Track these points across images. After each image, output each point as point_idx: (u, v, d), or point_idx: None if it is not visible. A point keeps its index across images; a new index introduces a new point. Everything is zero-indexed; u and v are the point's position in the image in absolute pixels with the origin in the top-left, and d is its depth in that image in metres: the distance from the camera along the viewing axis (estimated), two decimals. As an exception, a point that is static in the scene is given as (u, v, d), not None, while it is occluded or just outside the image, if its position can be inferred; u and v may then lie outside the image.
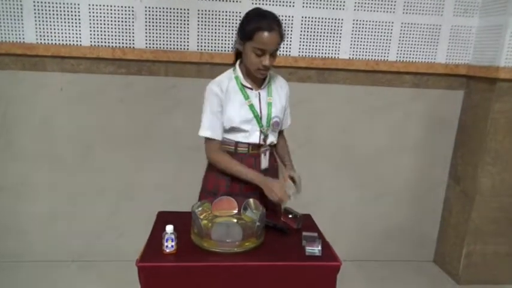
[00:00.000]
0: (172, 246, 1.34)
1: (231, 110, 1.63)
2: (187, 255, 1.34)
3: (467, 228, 2.55)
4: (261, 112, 1.67)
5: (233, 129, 1.67)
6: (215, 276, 1.32)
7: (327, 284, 1.37)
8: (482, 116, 2.43)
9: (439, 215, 2.83)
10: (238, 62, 1.69)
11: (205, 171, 1.86)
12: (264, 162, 1.73)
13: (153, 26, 2.32)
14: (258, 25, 1.51)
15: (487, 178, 2.46)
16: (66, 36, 2.29)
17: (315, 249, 1.37)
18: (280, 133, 1.85)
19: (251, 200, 1.53)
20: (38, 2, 2.22)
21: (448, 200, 2.76)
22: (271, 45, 1.53)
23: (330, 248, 1.44)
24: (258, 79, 1.68)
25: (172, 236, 1.34)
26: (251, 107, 1.65)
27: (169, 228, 1.34)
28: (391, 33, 2.46)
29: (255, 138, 1.68)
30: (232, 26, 2.35)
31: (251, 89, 1.67)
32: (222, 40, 2.37)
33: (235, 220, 1.53)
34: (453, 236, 2.69)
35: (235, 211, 1.57)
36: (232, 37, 2.37)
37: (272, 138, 1.74)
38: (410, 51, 2.50)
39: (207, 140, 1.69)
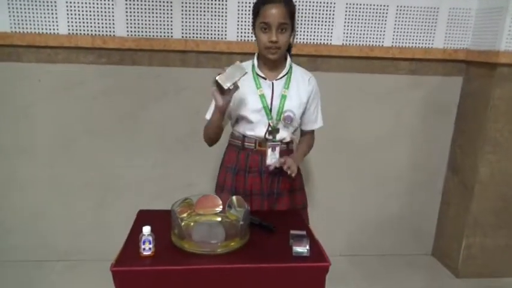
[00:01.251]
0: (150, 248, 1.28)
1: (241, 96, 1.60)
2: (166, 258, 1.28)
3: (466, 220, 2.51)
4: (271, 103, 1.62)
5: (241, 120, 1.65)
6: (196, 280, 1.26)
7: (316, 285, 1.31)
8: (482, 103, 2.37)
9: (437, 207, 2.78)
10: (257, 52, 1.66)
11: (219, 166, 1.83)
12: (271, 158, 1.66)
13: (134, 12, 2.23)
14: (263, 0, 1.51)
15: (487, 167, 2.41)
16: (42, 24, 2.20)
17: (303, 249, 1.31)
18: (307, 134, 1.78)
19: (234, 198, 1.47)
20: (10, -12, 2.13)
21: (447, 191, 2.72)
22: (275, 17, 1.49)
23: (319, 246, 1.38)
24: (274, 70, 1.63)
25: (150, 238, 1.28)
26: (261, 96, 1.61)
27: (146, 229, 1.28)
28: (386, 17, 2.38)
29: (260, 130, 1.64)
30: (218, 11, 2.26)
31: (264, 78, 1.63)
32: (207, 27, 2.29)
33: (219, 219, 1.48)
34: (452, 228, 2.65)
35: (220, 209, 1.51)
36: (218, 23, 2.28)
37: (284, 134, 1.67)
38: (406, 36, 2.43)
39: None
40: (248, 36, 2.31)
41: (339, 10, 2.34)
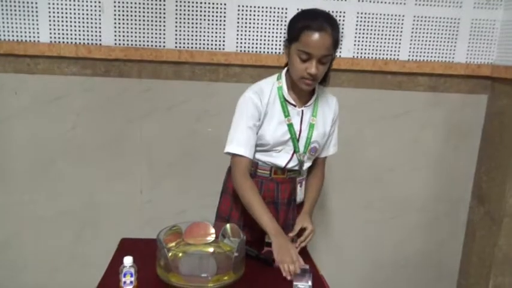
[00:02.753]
0: (131, 282, 1.27)
1: (266, 126, 1.57)
2: (149, 293, 1.27)
3: (494, 256, 2.48)
4: (300, 134, 1.61)
5: (260, 147, 1.61)
6: (183, 319, 1.25)
7: (320, 328, 1.30)
8: (510, 124, 2.38)
9: (460, 242, 2.76)
10: (285, 70, 1.62)
11: (220, 193, 1.81)
12: (300, 194, 1.68)
13: (123, 19, 2.27)
14: (306, 23, 1.44)
15: (517, 198, 2.40)
16: (21, 31, 2.24)
17: (305, 284, 1.30)
18: (319, 162, 1.78)
19: (228, 226, 1.47)
20: (-12, -8, 2.19)
21: (471, 223, 2.69)
22: (319, 48, 1.43)
23: (323, 282, 1.37)
24: (303, 94, 1.60)
25: (132, 270, 1.27)
26: (290, 126, 1.58)
27: (128, 260, 1.27)
28: (401, 28, 2.42)
29: (282, 160, 1.62)
30: (216, 20, 2.31)
31: (294, 105, 1.60)
32: (204, 36, 2.32)
33: (210, 249, 1.47)
34: (478, 266, 2.62)
35: (212, 238, 1.51)
36: (215, 32, 2.32)
37: (307, 165, 1.69)
38: (425, 49, 2.46)
39: (237, 158, 1.58)
40: (248, 47, 2.35)
41: (349, 19, 2.38)
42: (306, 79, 1.49)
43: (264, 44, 2.34)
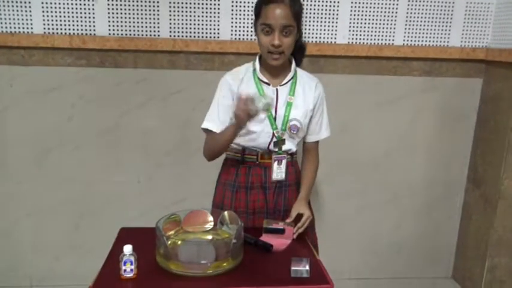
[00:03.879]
0: (131, 270, 1.29)
1: None
2: (149, 281, 1.29)
3: (490, 238, 2.51)
4: (276, 112, 1.64)
5: (242, 133, 1.63)
6: (183, 305, 1.27)
7: (318, 311, 1.32)
8: (505, 107, 2.39)
9: (457, 224, 2.79)
10: (259, 53, 1.67)
11: (215, 185, 1.85)
12: (278, 172, 1.69)
13: (117, 9, 2.27)
14: None
15: None
16: (14, 23, 2.23)
17: (302, 269, 1.32)
18: (311, 147, 1.80)
19: (227, 213, 1.48)
20: (-20, -17, 2.17)
21: (467, 206, 2.72)
22: (278, 18, 1.50)
23: (320, 267, 1.39)
24: (277, 74, 1.65)
25: (132, 258, 1.29)
26: None
27: (128, 248, 1.29)
28: (396, 12, 2.42)
29: (263, 141, 1.65)
30: (210, 8, 2.30)
31: (268, 84, 1.64)
32: (198, 25, 2.32)
33: (209, 237, 1.49)
34: (473, 248, 2.65)
35: (210, 226, 1.53)
36: (210, 21, 2.32)
37: (290, 146, 1.70)
38: (419, 33, 2.46)
39: (207, 133, 1.68)
40: (243, 35, 2.35)
41: (343, 5, 2.38)
42: (273, 53, 1.54)
43: (259, 31, 2.34)
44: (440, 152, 2.67)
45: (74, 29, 2.27)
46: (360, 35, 2.43)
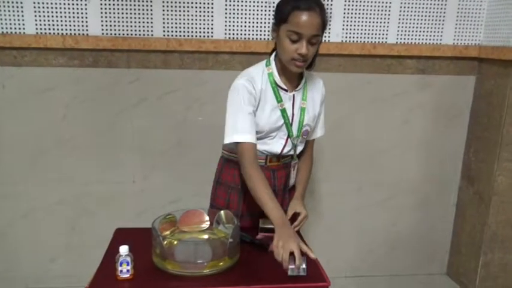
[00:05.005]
0: (128, 270, 1.29)
1: (260, 113, 1.56)
2: (146, 281, 1.29)
3: (484, 234, 2.53)
4: (293, 118, 1.62)
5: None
6: (180, 305, 1.27)
7: (315, 309, 1.33)
8: (497, 104, 2.41)
9: (451, 221, 2.81)
10: (273, 55, 1.61)
11: (213, 184, 1.80)
12: (292, 177, 1.71)
13: (109, 8, 2.26)
14: (295, 4, 1.44)
15: (505, 176, 2.44)
16: (6, 23, 2.21)
17: (299, 267, 1.32)
18: (307, 146, 1.79)
19: (223, 212, 1.48)
20: (-29, -16, 2.16)
21: (461, 203, 2.74)
22: (308, 28, 1.44)
23: (317, 265, 1.40)
24: (293, 79, 1.61)
25: (128, 259, 1.29)
26: (283, 111, 1.58)
27: (124, 249, 1.29)
28: (389, 10, 2.43)
29: (277, 146, 1.63)
30: (204, 7, 2.30)
31: (286, 90, 1.60)
32: (192, 24, 2.31)
33: (205, 236, 1.49)
34: (468, 244, 2.67)
35: (206, 225, 1.53)
36: (203, 20, 2.31)
37: (300, 149, 1.71)
38: (413, 31, 2.47)
39: (245, 146, 1.52)
40: (237, 34, 2.34)
41: (337, 3, 2.38)
42: (297, 60, 1.49)
43: (253, 30, 2.34)
44: (435, 149, 2.69)
45: (66, 29, 2.26)
46: (354, 33, 2.44)
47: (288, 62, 1.51)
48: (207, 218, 1.54)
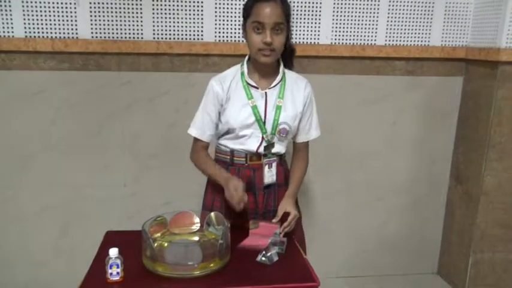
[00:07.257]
0: (118, 273, 1.28)
1: (230, 110, 1.62)
2: (136, 284, 1.29)
3: (473, 234, 2.54)
4: (265, 116, 1.64)
5: (229, 133, 1.66)
6: (171, 307, 1.27)
7: (305, 309, 1.33)
8: (485, 105, 2.43)
9: (441, 221, 2.82)
10: (247, 56, 1.67)
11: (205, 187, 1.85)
12: (269, 176, 1.70)
13: (99, 11, 2.25)
14: None
15: (493, 176, 2.46)
16: (-5, 27, 2.20)
17: (271, 253, 1.33)
18: (301, 147, 1.80)
19: (213, 214, 1.48)
20: (-42, -13, 2.14)
21: (451, 203, 2.76)
22: (270, 16, 1.51)
23: (307, 265, 1.40)
24: (267, 77, 1.65)
25: (118, 261, 1.28)
26: (254, 108, 1.62)
27: (113, 251, 1.28)
28: (377, 12, 2.44)
29: (253, 145, 1.65)
30: (194, 10, 2.30)
31: (256, 87, 1.64)
32: (182, 27, 2.31)
33: (196, 238, 1.49)
34: (458, 244, 2.69)
35: (197, 227, 1.52)
36: (193, 23, 2.31)
37: (279, 148, 1.70)
38: (401, 33, 2.49)
39: (194, 139, 1.72)
40: (227, 37, 2.35)
41: (326, 6, 2.39)
42: (263, 50, 1.54)
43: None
44: (424, 149, 2.70)
45: (56, 32, 2.24)
46: (343, 35, 2.45)
47: (256, 54, 1.57)
48: (197, 219, 1.54)
